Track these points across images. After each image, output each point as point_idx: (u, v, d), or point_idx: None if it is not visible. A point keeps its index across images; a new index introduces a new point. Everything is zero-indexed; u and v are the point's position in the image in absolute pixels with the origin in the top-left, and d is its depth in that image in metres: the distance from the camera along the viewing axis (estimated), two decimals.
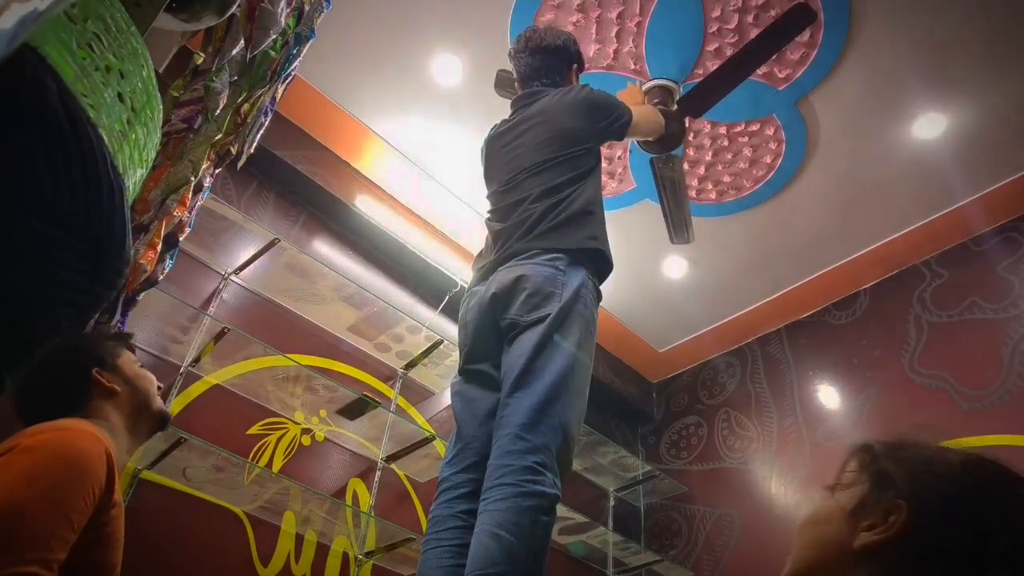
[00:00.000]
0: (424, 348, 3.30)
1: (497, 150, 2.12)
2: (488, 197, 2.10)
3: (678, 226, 3.18)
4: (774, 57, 2.83)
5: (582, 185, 1.93)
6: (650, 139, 2.50)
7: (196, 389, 2.67)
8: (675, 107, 2.86)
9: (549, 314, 1.65)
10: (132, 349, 1.62)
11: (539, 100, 2.11)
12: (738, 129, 3.16)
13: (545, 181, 1.91)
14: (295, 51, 1.81)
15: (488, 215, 2.05)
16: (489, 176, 2.15)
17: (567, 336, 1.64)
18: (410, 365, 3.36)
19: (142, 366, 1.61)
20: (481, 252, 2.03)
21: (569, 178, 1.92)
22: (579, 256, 1.80)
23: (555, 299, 1.67)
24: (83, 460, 1.20)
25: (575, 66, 2.29)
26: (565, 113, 2.03)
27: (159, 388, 1.60)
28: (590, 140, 2.03)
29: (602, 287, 1.88)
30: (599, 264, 1.86)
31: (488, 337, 1.78)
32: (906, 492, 0.77)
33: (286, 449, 2.83)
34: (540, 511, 1.42)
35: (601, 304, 1.87)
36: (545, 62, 2.21)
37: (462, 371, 1.84)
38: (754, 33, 2.77)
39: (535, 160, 1.96)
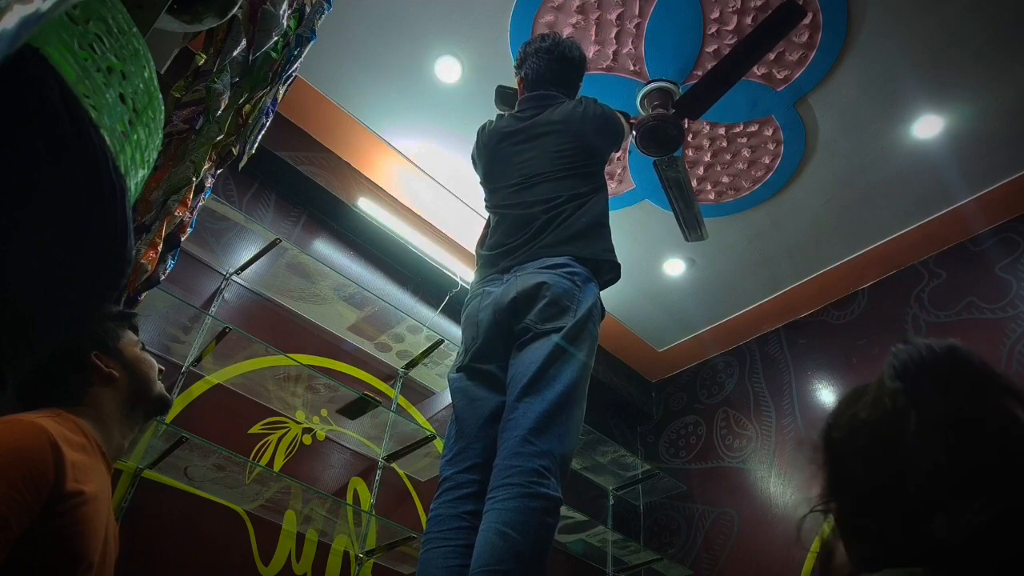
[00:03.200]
0: (425, 348, 3.31)
1: (507, 146, 2.14)
2: (495, 189, 2.12)
3: (690, 224, 3.20)
4: (770, 57, 2.85)
5: (599, 196, 2.03)
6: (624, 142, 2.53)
7: (197, 389, 2.68)
8: (672, 110, 2.88)
9: (563, 327, 1.70)
10: (135, 329, 1.57)
11: (556, 106, 2.15)
12: (737, 130, 3.17)
13: (570, 187, 1.98)
14: (296, 52, 1.82)
15: (497, 207, 2.07)
16: (493, 168, 2.16)
17: (579, 351, 1.70)
18: (411, 365, 3.37)
19: (143, 348, 1.57)
20: (484, 240, 2.05)
21: (590, 189, 2.01)
22: (596, 268, 1.88)
23: (570, 313, 1.73)
24: (14, 455, 1.16)
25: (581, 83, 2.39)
26: (588, 128, 2.09)
27: (160, 371, 1.56)
28: (606, 156, 2.16)
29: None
30: (613, 275, 1.96)
31: (500, 339, 1.81)
32: (831, 493, 0.80)
33: (287, 448, 2.84)
34: (545, 512, 1.46)
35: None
36: (565, 72, 2.28)
37: (466, 368, 1.84)
38: None
39: (555, 167, 2.02)
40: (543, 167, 2.02)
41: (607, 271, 1.93)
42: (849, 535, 0.76)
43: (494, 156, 2.17)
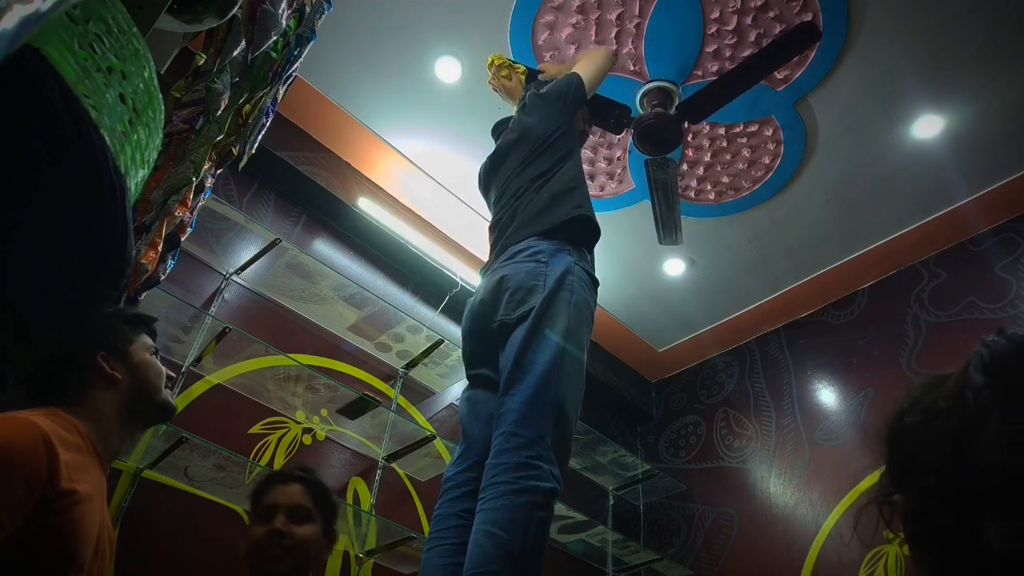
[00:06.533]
0: (425, 348, 3.31)
1: (491, 177, 2.24)
2: (490, 211, 2.20)
3: (667, 227, 3.22)
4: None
5: (564, 165, 2.03)
6: (608, 69, 2.50)
7: (197, 389, 2.68)
8: (674, 111, 2.89)
9: (533, 307, 1.67)
10: (153, 334, 1.57)
11: (510, 122, 2.29)
12: (737, 130, 3.17)
13: (531, 173, 2.01)
14: (296, 52, 1.82)
15: (489, 227, 2.13)
16: (488, 199, 2.27)
17: (554, 327, 1.65)
18: (411, 365, 3.37)
19: (156, 352, 1.56)
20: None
21: (552, 163, 2.02)
22: (567, 233, 1.84)
23: (538, 291, 1.70)
24: (7, 452, 1.15)
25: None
26: (530, 121, 2.16)
27: (170, 378, 1.55)
28: (558, 123, 2.13)
29: (602, 287, 1.91)
30: (587, 232, 1.91)
31: (484, 341, 1.82)
32: (891, 482, 0.73)
33: (287, 448, 2.84)
34: (535, 506, 1.42)
35: (601, 304, 1.89)
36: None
37: (467, 376, 1.90)
38: (753, 35, 2.79)
39: (519, 164, 2.08)
40: (510, 172, 2.09)
41: (582, 229, 1.88)
42: (913, 535, 0.70)
43: (486, 190, 2.27)
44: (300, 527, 1.69)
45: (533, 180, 1.98)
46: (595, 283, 1.85)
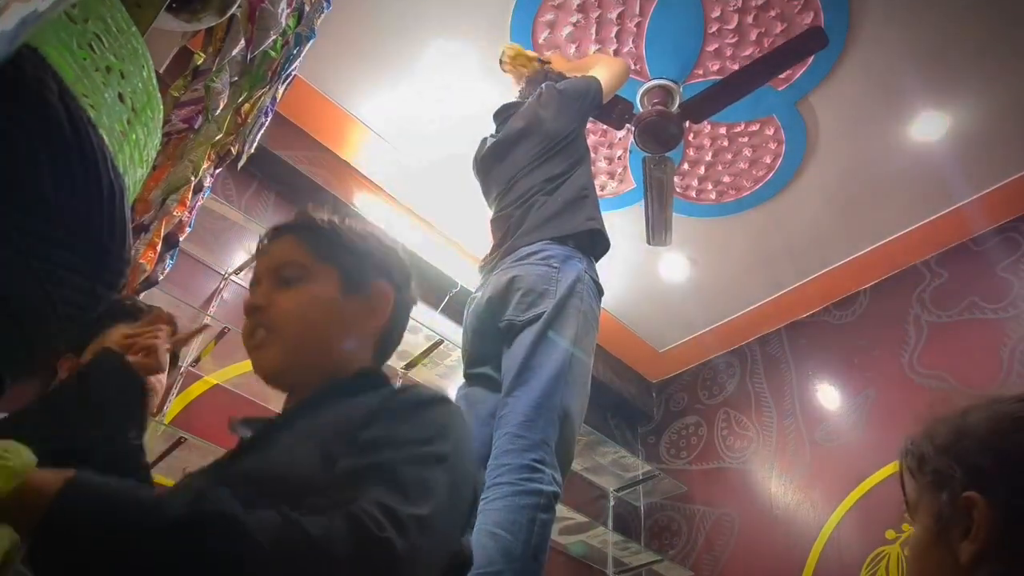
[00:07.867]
0: (424, 348, 3.30)
1: (492, 163, 2.20)
2: (490, 205, 2.17)
3: (657, 228, 3.21)
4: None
5: (577, 171, 2.02)
6: (623, 81, 2.52)
7: (196, 389, 2.68)
8: (676, 110, 2.88)
9: (543, 312, 1.67)
10: (136, 315, 1.42)
11: (517, 110, 2.25)
12: (738, 129, 3.17)
13: (543, 174, 1.99)
14: (295, 51, 1.82)
15: (491, 220, 2.11)
16: (488, 188, 2.23)
17: (563, 332, 1.66)
18: (410, 365, 3.35)
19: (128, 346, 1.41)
20: (486, 256, 2.08)
21: (567, 166, 2.01)
22: (577, 242, 1.85)
23: (550, 296, 1.70)
24: None
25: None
26: (549, 117, 2.13)
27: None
28: (572, 125, 2.13)
29: (603, 287, 1.90)
30: (597, 244, 1.92)
31: (488, 340, 1.81)
32: (969, 479, 0.71)
33: None
34: (537, 508, 1.43)
35: (602, 304, 1.89)
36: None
37: (466, 375, 1.88)
38: (754, 33, 2.78)
39: (529, 162, 2.05)
40: (518, 167, 2.06)
41: (592, 241, 1.90)
42: (999, 542, 0.69)
43: (485, 176, 2.24)
44: (287, 292, 1.01)
45: (546, 182, 1.97)
46: (601, 292, 1.86)
